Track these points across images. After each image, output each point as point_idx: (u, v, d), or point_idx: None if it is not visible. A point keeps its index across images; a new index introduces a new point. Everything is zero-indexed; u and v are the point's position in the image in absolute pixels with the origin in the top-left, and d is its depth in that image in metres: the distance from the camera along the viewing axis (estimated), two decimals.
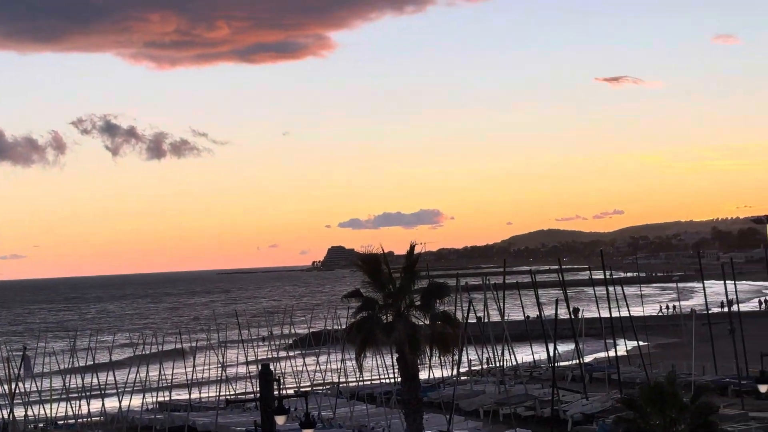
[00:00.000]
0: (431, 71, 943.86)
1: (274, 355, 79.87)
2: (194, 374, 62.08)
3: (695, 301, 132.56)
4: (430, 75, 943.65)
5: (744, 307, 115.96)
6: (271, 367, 26.43)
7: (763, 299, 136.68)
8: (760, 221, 49.01)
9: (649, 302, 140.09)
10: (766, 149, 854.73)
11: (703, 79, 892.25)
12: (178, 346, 76.51)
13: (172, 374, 64.02)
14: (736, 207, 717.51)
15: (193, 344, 77.18)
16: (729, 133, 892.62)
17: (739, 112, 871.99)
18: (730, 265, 75.44)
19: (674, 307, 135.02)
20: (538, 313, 73.69)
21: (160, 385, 69.41)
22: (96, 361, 62.94)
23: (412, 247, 33.38)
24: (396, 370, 38.30)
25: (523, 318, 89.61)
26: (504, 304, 69.97)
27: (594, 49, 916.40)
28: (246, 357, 72.72)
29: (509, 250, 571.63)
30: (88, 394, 61.13)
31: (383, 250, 33.41)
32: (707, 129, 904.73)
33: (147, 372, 68.06)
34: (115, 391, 62.17)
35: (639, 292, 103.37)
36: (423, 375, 64.08)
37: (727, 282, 71.15)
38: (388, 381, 59.47)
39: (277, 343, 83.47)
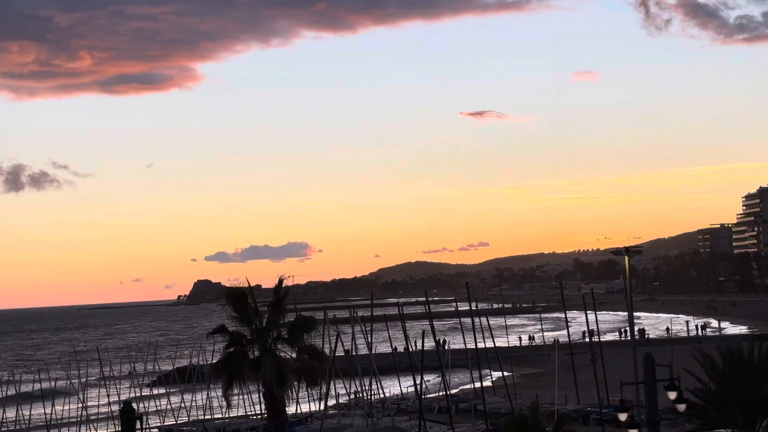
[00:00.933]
0: (298, 104, 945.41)
1: (137, 392, 78.17)
2: (53, 414, 60.25)
3: (558, 332, 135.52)
4: (297, 108, 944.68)
5: (605, 337, 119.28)
6: (134, 405, 25.93)
7: (622, 329, 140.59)
8: (619, 253, 50.45)
9: (514, 333, 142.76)
10: (626, 182, 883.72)
11: (565, 114, 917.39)
12: (37, 386, 74.12)
13: (30, 416, 61.99)
14: (597, 239, 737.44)
15: (52, 384, 74.92)
16: (590, 166, 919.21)
17: (600, 146, 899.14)
18: (591, 296, 77.44)
19: (531, 337, 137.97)
20: (405, 345, 74.21)
21: (17, 428, 67.03)
22: None
23: (281, 281, 33.35)
24: (263, 405, 38.03)
25: (390, 350, 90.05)
26: (371, 337, 70.15)
27: (459, 84, 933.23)
28: (108, 395, 70.99)
29: (377, 283, 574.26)
30: None
31: (250, 284, 33.20)
32: (569, 162, 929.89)
33: (3, 415, 65.63)
34: None
35: (504, 323, 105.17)
36: (290, 409, 63.89)
37: (588, 312, 72.95)
38: (255, 416, 58.90)
39: (140, 380, 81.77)
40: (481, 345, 72.05)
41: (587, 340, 78.71)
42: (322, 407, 59.85)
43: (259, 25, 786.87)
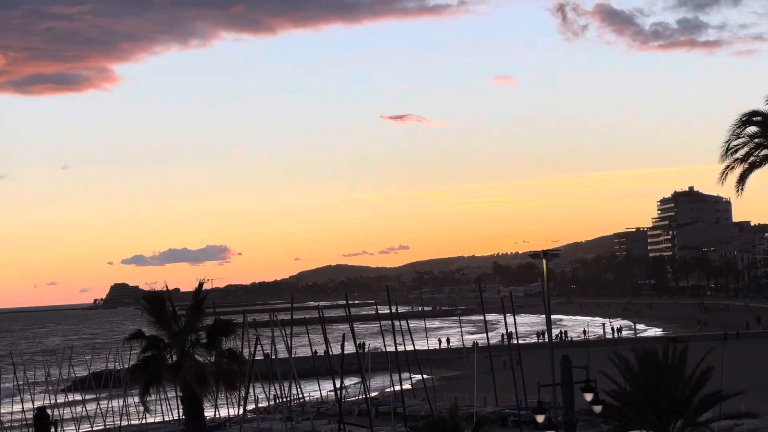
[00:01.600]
0: (217, 106, 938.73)
1: (52, 398, 76.75)
2: None
3: (477, 334, 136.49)
4: (216, 110, 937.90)
5: (523, 340, 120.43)
6: (48, 411, 25.48)
7: (540, 331, 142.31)
8: (538, 256, 51.05)
9: (434, 335, 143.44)
10: (544, 187, 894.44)
11: (484, 118, 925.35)
12: None
13: None
14: (516, 243, 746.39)
15: None
16: (509, 170, 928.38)
17: (519, 151, 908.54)
18: (510, 299, 78.17)
19: (447, 340, 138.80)
20: (325, 348, 74.08)
21: None
22: None
23: (200, 285, 33.15)
24: (181, 410, 37.64)
25: (310, 354, 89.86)
26: (291, 341, 69.96)
27: (380, 88, 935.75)
28: (22, 401, 69.60)
29: (297, 286, 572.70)
30: None
31: (168, 288, 32.91)
32: (489, 166, 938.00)
33: None
34: None
35: (424, 326, 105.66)
36: (209, 414, 63.35)
37: (506, 315, 73.60)
38: (173, 421, 58.30)
39: (55, 385, 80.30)
40: (401, 348, 72.29)
41: (506, 342, 79.43)
42: (241, 412, 59.40)
43: (177, 26, 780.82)
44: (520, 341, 77.00)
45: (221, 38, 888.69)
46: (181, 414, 40.21)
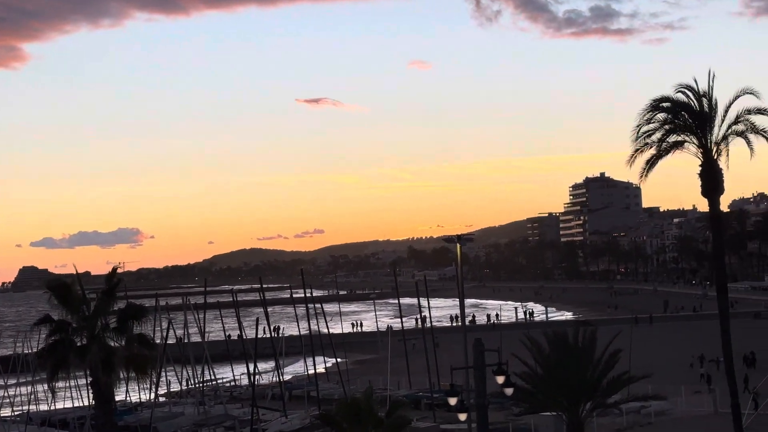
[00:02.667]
0: (129, 86, 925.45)
1: None
2: None
3: (392, 318, 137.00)
4: (128, 90, 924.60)
5: (437, 323, 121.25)
6: None
7: (454, 315, 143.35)
8: (452, 241, 51.32)
9: (348, 319, 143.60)
10: (459, 171, 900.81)
11: (400, 103, 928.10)
12: None
13: None
14: (430, 227, 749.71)
15: None
16: (424, 155, 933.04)
17: (433, 135, 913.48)
18: (424, 283, 78.59)
19: (360, 324, 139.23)
20: (239, 332, 73.65)
21: None
22: None
23: (114, 270, 32.88)
24: (90, 395, 37.07)
25: (224, 338, 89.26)
26: (204, 324, 69.39)
27: (296, 71, 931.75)
28: None
29: (211, 270, 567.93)
30: None
31: (78, 271, 32.49)
32: (404, 151, 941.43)
33: None
34: None
35: (338, 310, 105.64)
36: (119, 398, 62.53)
37: (421, 299, 73.97)
38: (82, 405, 57.45)
39: None
40: (315, 331, 72.23)
41: (420, 326, 79.86)
42: (153, 396, 58.76)
43: (88, 4, 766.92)
44: (434, 325, 77.49)
45: (134, 18, 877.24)
46: (91, 399, 39.59)
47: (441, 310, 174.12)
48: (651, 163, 33.84)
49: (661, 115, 33.81)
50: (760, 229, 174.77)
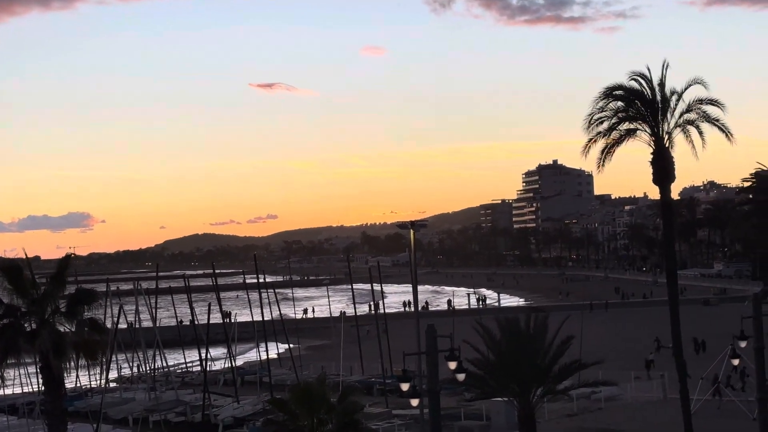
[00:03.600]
0: (81, 70, 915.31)
1: None
2: None
3: (345, 304, 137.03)
4: (78, 73, 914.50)
5: (390, 309, 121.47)
6: None
7: (407, 300, 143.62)
8: (405, 227, 51.47)
9: (301, 305, 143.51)
10: (412, 157, 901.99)
11: (353, 89, 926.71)
12: None
13: None
14: (383, 213, 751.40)
15: None
16: (377, 141, 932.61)
17: (386, 122, 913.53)
18: (378, 269, 78.69)
19: (312, 309, 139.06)
20: (191, 317, 73.32)
21: None
22: None
23: (67, 257, 32.71)
24: (40, 380, 36.71)
25: (176, 323, 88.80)
26: (156, 310, 69.01)
27: (249, 56, 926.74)
28: None
29: (163, 255, 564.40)
30: None
31: (27, 255, 32.21)
32: (356, 137, 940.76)
33: None
34: None
35: (291, 296, 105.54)
36: (70, 384, 61.95)
37: (374, 285, 74.07)
38: (31, 391, 56.87)
39: None
40: (268, 317, 72.08)
41: (373, 312, 79.98)
42: (103, 382, 58.33)
43: None
44: (387, 311, 77.62)
45: (85, 1, 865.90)
46: (40, 384, 39.20)
47: (394, 296, 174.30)
48: (607, 152, 34.09)
49: (614, 104, 34.07)
50: (710, 217, 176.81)
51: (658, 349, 71.44)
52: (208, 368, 59.97)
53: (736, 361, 39.67)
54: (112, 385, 67.84)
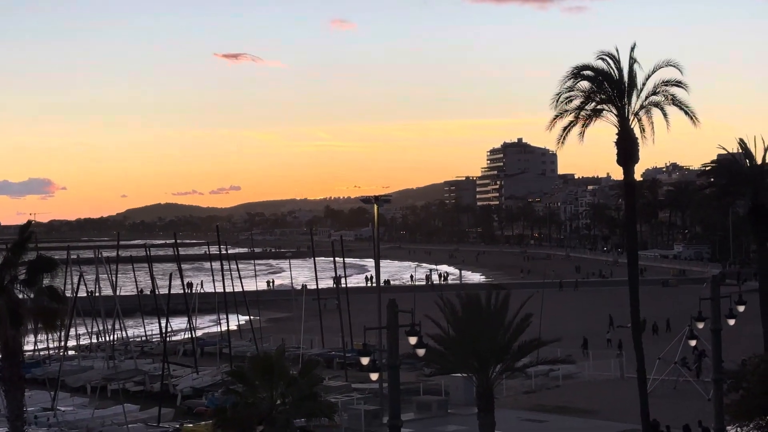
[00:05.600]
0: (45, 33, 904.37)
1: None
2: None
3: (306, 277, 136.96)
4: (43, 38, 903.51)
5: (351, 283, 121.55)
6: None
7: (369, 275, 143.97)
8: (369, 201, 51.69)
9: (263, 277, 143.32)
10: (377, 133, 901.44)
11: (320, 62, 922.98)
12: None
13: None
14: (347, 187, 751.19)
15: None
16: (343, 115, 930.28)
17: (353, 96, 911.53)
18: (341, 243, 78.72)
19: (273, 282, 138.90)
20: (151, 287, 72.99)
21: None
22: None
23: (28, 223, 32.46)
24: None
25: (136, 292, 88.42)
26: (117, 278, 68.66)
27: (213, 24, 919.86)
28: None
29: (124, 224, 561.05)
30: None
31: None
32: (322, 110, 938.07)
33: None
34: None
35: (253, 268, 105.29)
36: (28, 351, 61.56)
37: (336, 258, 74.08)
38: None
39: None
40: (229, 289, 71.95)
41: (334, 285, 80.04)
42: (62, 349, 58.03)
43: None
44: (348, 285, 77.69)
45: None
46: None
47: (356, 270, 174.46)
48: (569, 130, 34.18)
49: (582, 84, 34.12)
50: (672, 199, 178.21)
51: (610, 327, 72.37)
52: (168, 338, 59.77)
53: (693, 342, 40.16)
54: (70, 353, 67.47)
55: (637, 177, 40.59)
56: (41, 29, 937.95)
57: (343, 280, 74.82)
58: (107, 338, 66.80)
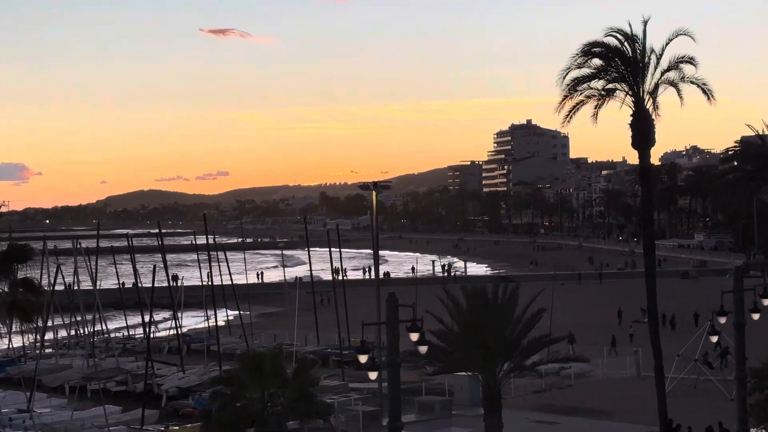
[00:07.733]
0: (21, 13, 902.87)
1: None
2: None
3: (300, 269, 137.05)
4: (18, 17, 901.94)
5: (350, 275, 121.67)
6: None
7: (367, 267, 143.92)
8: (367, 188, 51.73)
9: (253, 269, 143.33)
10: (375, 114, 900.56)
11: (315, 39, 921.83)
12: None
13: None
14: (343, 173, 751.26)
15: None
16: (338, 96, 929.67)
17: (348, 75, 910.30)
18: (337, 232, 78.67)
19: (262, 273, 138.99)
20: (134, 280, 73.04)
21: None
22: None
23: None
24: None
25: (117, 286, 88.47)
26: (97, 271, 68.68)
27: None
28: None
29: (105, 212, 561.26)
30: None
31: None
32: (317, 90, 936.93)
33: None
34: None
35: (243, 259, 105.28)
36: (2, 347, 61.67)
37: (332, 249, 74.10)
38: None
39: None
40: (217, 281, 71.98)
41: (331, 278, 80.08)
42: (38, 346, 58.10)
43: None
44: (346, 277, 77.81)
45: None
46: None
47: (354, 261, 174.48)
48: (575, 109, 34.03)
49: (593, 61, 34.04)
50: (692, 184, 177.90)
51: (620, 323, 72.99)
52: (151, 334, 59.82)
53: (714, 338, 40.15)
54: (47, 350, 67.53)
55: (655, 161, 40.62)
56: (15, 6, 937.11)
57: (347, 273, 74.90)
58: (87, 334, 66.87)
